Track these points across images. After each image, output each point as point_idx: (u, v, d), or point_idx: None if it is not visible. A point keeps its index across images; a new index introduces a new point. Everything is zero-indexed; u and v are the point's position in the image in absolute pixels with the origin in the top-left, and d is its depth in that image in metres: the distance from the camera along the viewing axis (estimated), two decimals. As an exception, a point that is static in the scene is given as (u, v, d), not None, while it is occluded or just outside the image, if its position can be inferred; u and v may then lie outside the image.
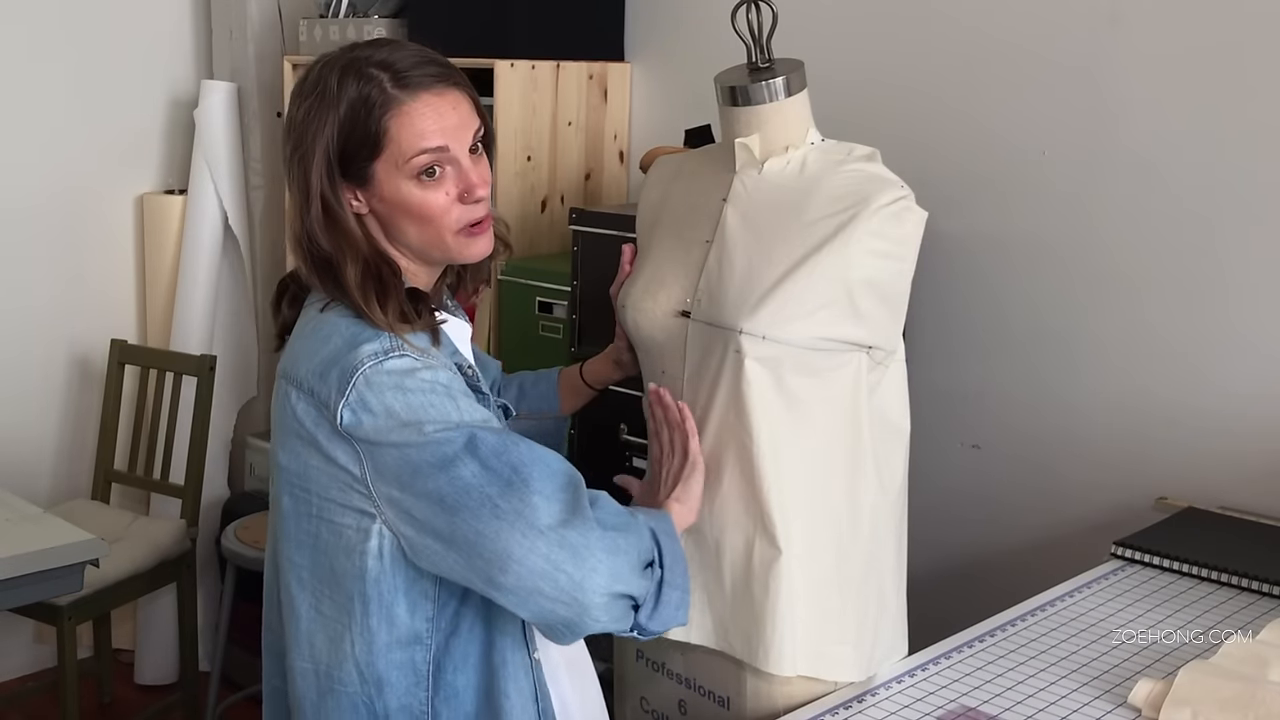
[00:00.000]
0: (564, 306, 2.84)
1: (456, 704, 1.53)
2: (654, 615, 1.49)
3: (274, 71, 3.63)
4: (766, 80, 1.74)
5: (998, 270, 2.59)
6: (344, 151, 1.47)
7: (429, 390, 1.43)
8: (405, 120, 1.46)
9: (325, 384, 1.45)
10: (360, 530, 1.47)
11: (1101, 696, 1.67)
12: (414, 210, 1.49)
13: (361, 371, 1.42)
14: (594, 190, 3.26)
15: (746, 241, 1.73)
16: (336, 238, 1.49)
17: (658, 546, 1.49)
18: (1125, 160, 2.41)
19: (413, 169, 1.47)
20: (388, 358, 1.44)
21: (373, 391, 1.42)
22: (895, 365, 1.78)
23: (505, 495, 1.40)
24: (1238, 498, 2.30)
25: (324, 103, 1.47)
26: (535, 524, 1.40)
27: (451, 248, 1.52)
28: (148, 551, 3.23)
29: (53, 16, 3.55)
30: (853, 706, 1.67)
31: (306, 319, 1.55)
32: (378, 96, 1.46)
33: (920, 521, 1.99)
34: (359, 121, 1.46)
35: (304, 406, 1.47)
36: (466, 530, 1.40)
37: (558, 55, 3.12)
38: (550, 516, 1.40)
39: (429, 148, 1.47)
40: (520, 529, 1.39)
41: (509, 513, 1.39)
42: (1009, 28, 2.54)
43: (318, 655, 1.53)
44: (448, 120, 1.48)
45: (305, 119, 1.48)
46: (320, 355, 1.47)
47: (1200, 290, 2.35)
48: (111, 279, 3.78)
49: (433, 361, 1.47)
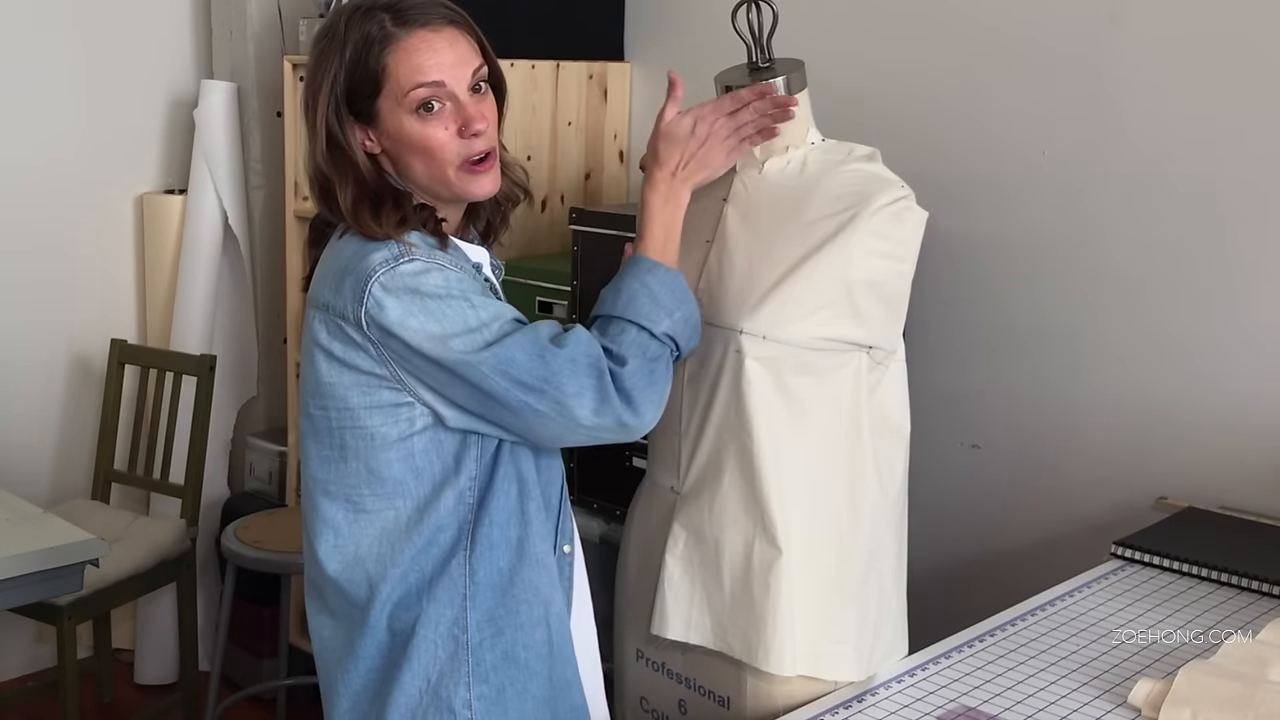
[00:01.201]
0: (564, 306, 2.84)
1: (491, 557, 1.60)
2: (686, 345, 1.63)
3: (274, 71, 3.63)
4: (767, 80, 1.74)
5: (998, 270, 2.59)
6: (350, 90, 1.54)
7: (444, 294, 1.50)
8: (402, 55, 1.52)
9: (340, 296, 1.52)
10: (396, 422, 1.54)
11: (1101, 696, 1.67)
12: (415, 144, 1.54)
13: (376, 278, 1.49)
14: (594, 190, 3.26)
15: (747, 241, 1.73)
16: (338, 165, 1.56)
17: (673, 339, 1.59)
18: (1126, 159, 2.41)
19: (411, 102, 1.53)
20: (399, 263, 1.50)
21: (390, 295, 1.49)
22: (895, 365, 1.78)
23: (541, 400, 1.50)
24: (1238, 498, 2.30)
25: (333, 44, 1.55)
26: (571, 420, 1.51)
27: (454, 182, 1.57)
28: (148, 551, 3.23)
29: (52, 16, 3.54)
30: (853, 706, 1.67)
31: (327, 248, 1.62)
32: (377, 34, 1.52)
33: (920, 521, 1.99)
34: (361, 59, 1.53)
35: (320, 323, 1.55)
36: (513, 420, 1.53)
37: (558, 55, 3.12)
38: (583, 409, 1.51)
39: (425, 81, 1.52)
40: (560, 424, 1.52)
41: (547, 414, 1.51)
42: (1009, 27, 2.54)
43: (364, 555, 1.59)
44: (443, 56, 1.54)
45: (317, 61, 1.56)
46: (333, 270, 1.55)
47: (1200, 290, 2.35)
48: (111, 279, 3.78)
49: (443, 261, 1.52)
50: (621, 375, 1.53)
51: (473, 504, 1.59)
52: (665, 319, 1.58)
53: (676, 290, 1.60)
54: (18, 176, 3.54)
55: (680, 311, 1.60)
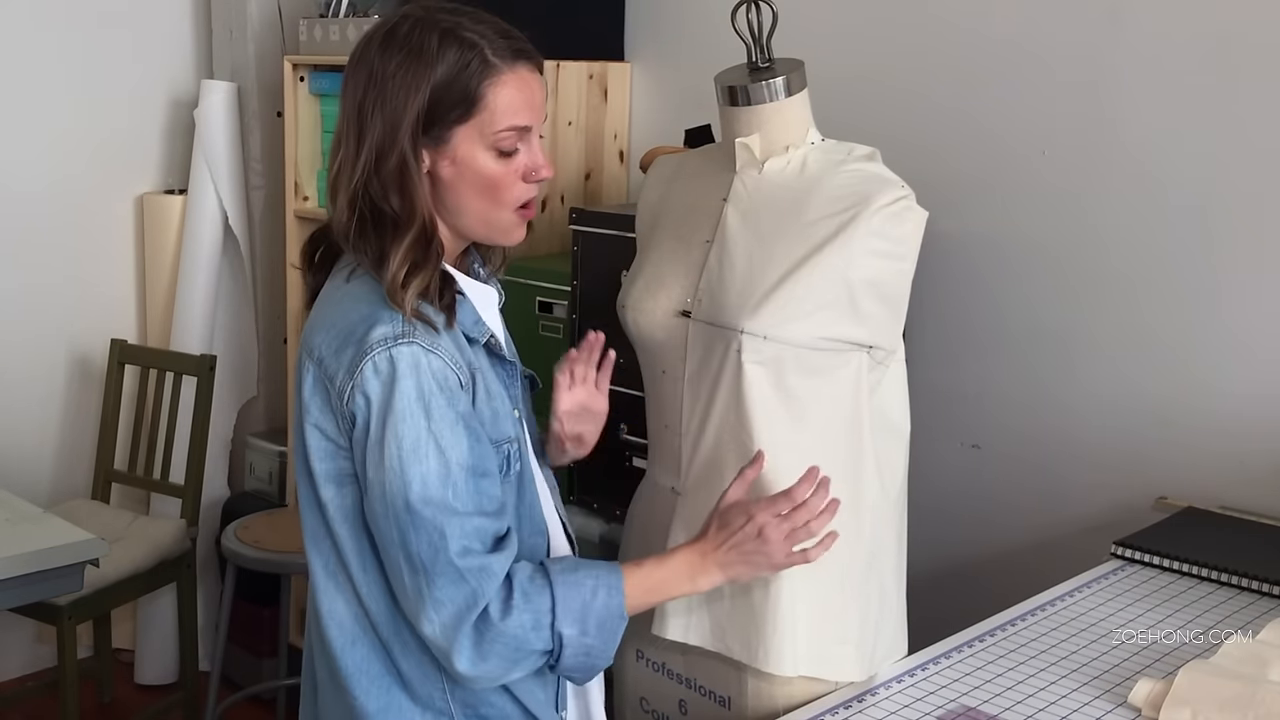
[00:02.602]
0: (564, 306, 2.84)
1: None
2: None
3: (274, 71, 3.63)
4: (767, 80, 1.74)
5: (998, 270, 2.59)
6: (432, 111, 1.46)
7: (413, 398, 1.42)
8: (502, 90, 1.47)
9: (338, 361, 1.46)
10: (355, 496, 1.49)
11: (1101, 696, 1.67)
12: (484, 179, 1.49)
13: (371, 356, 1.43)
14: (594, 190, 3.26)
15: (747, 241, 1.73)
16: (409, 198, 1.47)
17: (560, 647, 1.47)
18: (1126, 160, 2.41)
19: (497, 140, 1.47)
20: (396, 343, 1.43)
21: (376, 379, 1.43)
22: (895, 365, 1.78)
23: (411, 577, 1.44)
24: (1238, 498, 2.30)
25: (421, 59, 1.45)
26: (419, 614, 1.44)
27: (506, 224, 1.53)
28: (148, 551, 3.23)
29: (52, 16, 3.54)
30: (853, 706, 1.67)
31: (333, 286, 1.54)
32: (478, 61, 1.46)
33: (920, 521, 1.99)
34: (455, 82, 1.45)
35: (308, 373, 1.49)
36: (386, 563, 1.47)
37: (558, 55, 3.11)
38: (434, 621, 1.43)
39: (518, 125, 1.48)
40: (413, 605, 1.44)
41: (409, 589, 1.44)
42: (1009, 28, 2.54)
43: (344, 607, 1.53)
44: (537, 99, 1.50)
45: (396, 72, 1.45)
46: (337, 328, 1.48)
47: (1201, 290, 2.35)
48: (111, 279, 3.78)
49: (439, 347, 1.45)
50: (494, 621, 1.43)
51: None
52: (574, 628, 1.46)
53: (608, 628, 1.49)
54: (18, 176, 3.54)
55: (591, 640, 1.48)
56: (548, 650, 1.47)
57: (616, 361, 1.78)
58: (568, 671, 1.51)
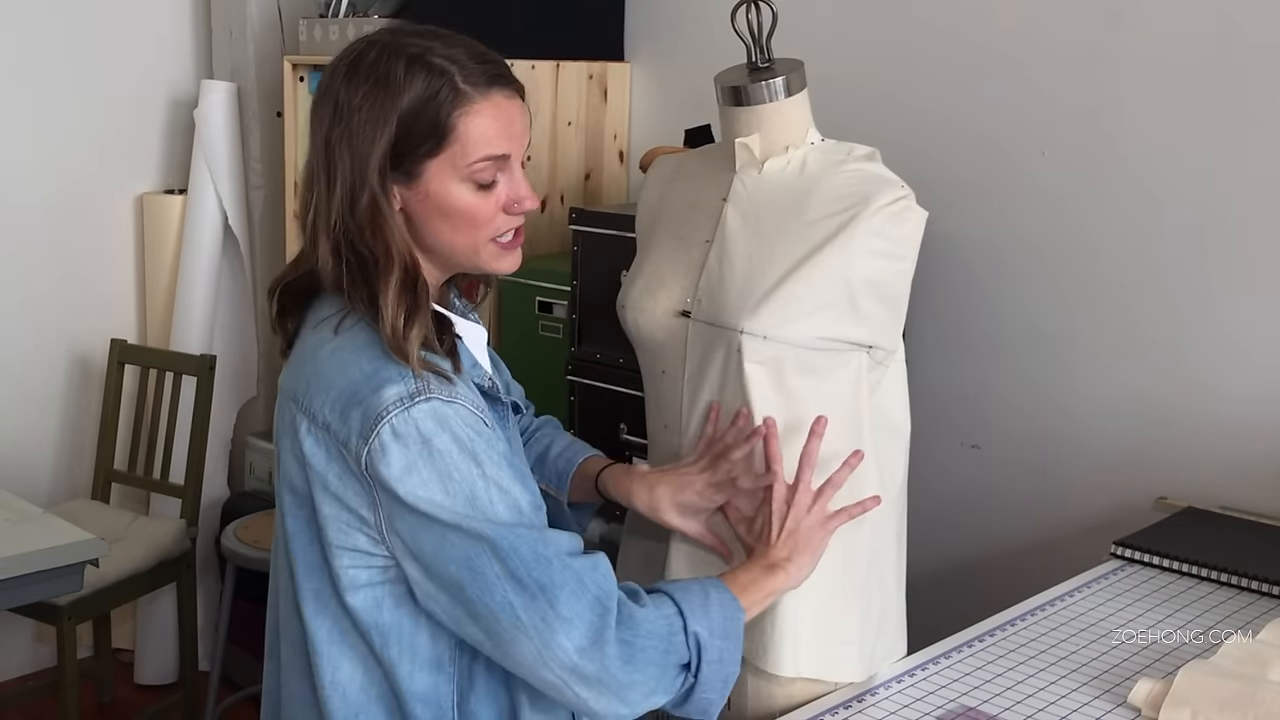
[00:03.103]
0: (564, 306, 2.84)
1: None
2: (680, 708, 1.45)
3: (274, 71, 3.63)
4: (766, 80, 1.74)
5: (998, 270, 2.59)
6: (400, 145, 1.37)
7: (456, 452, 1.35)
8: (475, 120, 1.38)
9: (345, 424, 1.37)
10: (368, 570, 1.40)
11: (1101, 696, 1.67)
12: (460, 214, 1.40)
13: (388, 420, 1.34)
14: (594, 190, 3.26)
15: (747, 241, 1.73)
16: (384, 239, 1.38)
17: (699, 651, 1.42)
18: (1125, 160, 2.41)
19: (471, 172, 1.39)
20: (414, 403, 1.35)
21: (399, 443, 1.34)
22: (895, 365, 1.78)
23: (528, 608, 1.34)
24: (1238, 498, 2.30)
25: (387, 91, 1.36)
26: (552, 643, 1.34)
27: (483, 256, 1.44)
28: (148, 551, 3.23)
29: (52, 16, 3.54)
30: (853, 706, 1.67)
31: (319, 338, 1.43)
32: (448, 91, 1.37)
33: (920, 521, 1.99)
34: (423, 114, 1.37)
35: (314, 441, 1.40)
36: (487, 619, 1.36)
37: (558, 55, 3.12)
38: (570, 640, 1.34)
39: (494, 155, 1.39)
40: (537, 644, 1.34)
41: (529, 626, 1.34)
42: (1009, 28, 2.54)
43: (348, 676, 1.45)
44: (515, 127, 1.41)
45: (362, 104, 1.37)
46: (337, 388, 1.38)
47: (1201, 290, 2.35)
48: (111, 279, 3.78)
49: (458, 396, 1.38)
50: (637, 619, 1.36)
51: (453, 674, 1.44)
52: (704, 627, 1.41)
53: (733, 623, 1.43)
54: (18, 176, 3.54)
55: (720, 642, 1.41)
56: (685, 662, 1.40)
57: (616, 361, 1.76)
58: (705, 688, 1.42)
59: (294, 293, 1.49)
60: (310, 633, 1.45)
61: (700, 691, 1.43)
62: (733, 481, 1.68)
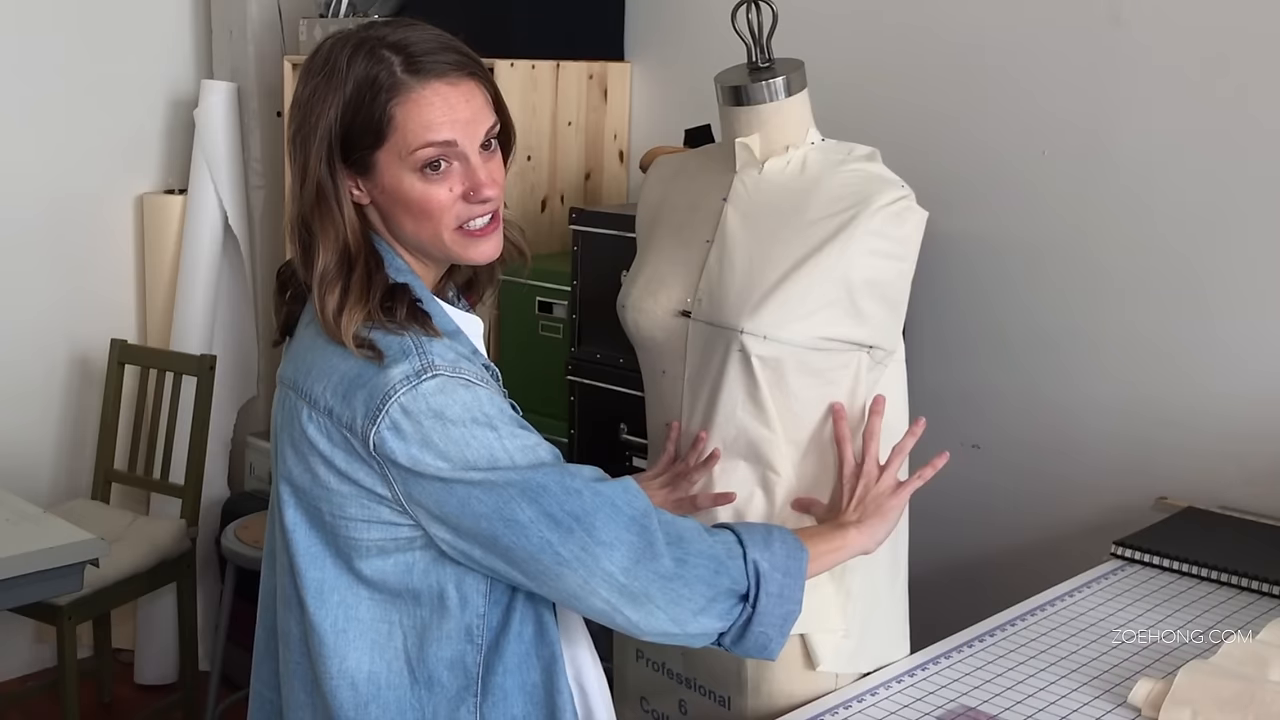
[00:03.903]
0: (564, 306, 2.84)
1: (505, 707, 1.46)
2: (738, 644, 1.46)
3: (274, 71, 3.63)
4: (767, 80, 1.74)
5: (998, 270, 2.59)
6: (346, 136, 1.39)
7: (470, 420, 1.36)
8: (413, 109, 1.38)
9: (349, 407, 1.37)
10: (395, 540, 1.41)
11: (1101, 696, 1.67)
12: (413, 205, 1.41)
13: (396, 398, 1.35)
14: (594, 190, 3.27)
15: (747, 241, 1.73)
16: (324, 223, 1.41)
17: (757, 580, 1.43)
18: (1125, 160, 2.41)
19: (416, 161, 1.39)
20: (421, 380, 1.36)
21: (410, 420, 1.35)
22: (895, 365, 1.78)
23: (566, 542, 1.36)
24: (1238, 498, 2.30)
25: (331, 82, 1.39)
26: (597, 570, 1.36)
27: (449, 247, 1.44)
28: (148, 551, 3.23)
29: (52, 17, 3.54)
30: (852, 706, 1.67)
31: (317, 328, 1.45)
32: (386, 80, 1.37)
33: (920, 521, 1.98)
34: (364, 105, 1.38)
35: (318, 426, 1.40)
36: (526, 562, 1.37)
37: (558, 55, 3.12)
38: (613, 564, 1.36)
39: (435, 141, 1.38)
40: (582, 574, 1.36)
41: (570, 559, 1.36)
42: (1010, 28, 2.54)
43: (355, 665, 1.44)
44: (459, 113, 1.40)
45: (310, 98, 1.40)
46: (339, 372, 1.39)
47: (1202, 290, 2.35)
48: (111, 279, 3.78)
49: (462, 369, 1.38)
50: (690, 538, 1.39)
51: (481, 645, 1.44)
52: (764, 557, 1.42)
53: (795, 561, 1.45)
54: (18, 177, 3.54)
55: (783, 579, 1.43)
56: (743, 592, 1.41)
57: (616, 361, 1.77)
58: (762, 621, 1.43)
59: (295, 281, 1.52)
60: (314, 625, 1.44)
61: (758, 624, 1.44)
62: (692, 500, 1.73)
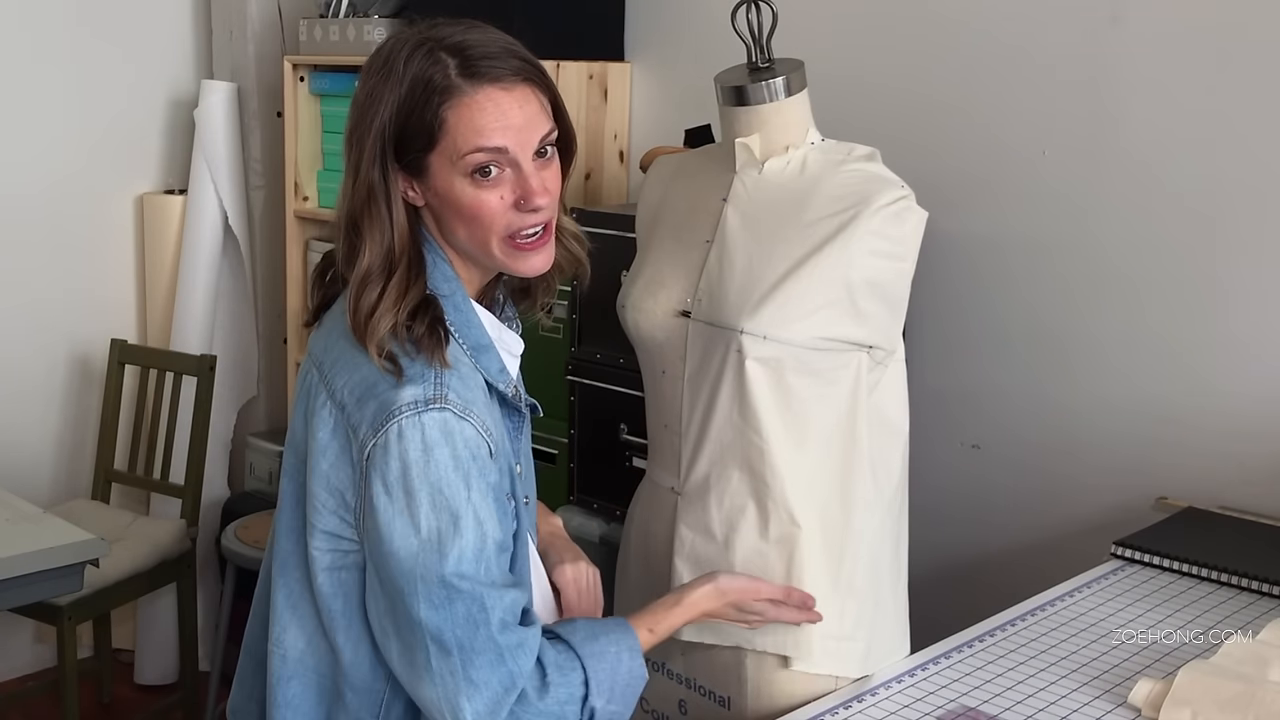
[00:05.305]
0: (564, 306, 2.84)
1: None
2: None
3: (274, 71, 3.63)
4: (767, 80, 1.74)
5: (998, 270, 2.59)
6: (400, 137, 1.39)
7: (451, 469, 1.36)
8: (464, 113, 1.37)
9: (360, 411, 1.38)
10: (334, 552, 1.43)
11: (1101, 696, 1.67)
12: (464, 210, 1.40)
13: (397, 420, 1.35)
14: (594, 190, 3.26)
15: (747, 241, 1.73)
16: (372, 224, 1.40)
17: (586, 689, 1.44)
18: (1125, 160, 2.41)
19: (466, 166, 1.38)
20: (428, 409, 1.36)
21: (402, 443, 1.35)
22: (894, 365, 1.78)
23: (441, 660, 1.36)
24: (1238, 498, 2.30)
25: (388, 82, 1.38)
26: (454, 702, 1.37)
27: (497, 256, 1.43)
28: (148, 551, 3.23)
29: (53, 16, 3.54)
30: (853, 706, 1.67)
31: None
32: (440, 82, 1.37)
33: (920, 521, 1.99)
34: (417, 107, 1.37)
35: (328, 414, 1.41)
36: (407, 643, 1.38)
37: (558, 55, 3.11)
38: (470, 706, 1.36)
39: (485, 146, 1.37)
40: (440, 692, 1.37)
41: (437, 674, 1.37)
42: (1010, 28, 2.54)
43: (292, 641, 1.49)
44: (511, 119, 1.39)
45: (367, 97, 1.40)
46: (360, 373, 1.40)
47: (1202, 289, 2.35)
48: (111, 279, 3.78)
49: (472, 412, 1.38)
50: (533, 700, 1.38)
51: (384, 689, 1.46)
52: (603, 699, 1.43)
53: (631, 690, 1.47)
54: (18, 176, 3.54)
55: (616, 707, 1.45)
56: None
57: (616, 361, 1.77)
58: None
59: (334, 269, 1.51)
60: (273, 590, 1.50)
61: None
62: None
